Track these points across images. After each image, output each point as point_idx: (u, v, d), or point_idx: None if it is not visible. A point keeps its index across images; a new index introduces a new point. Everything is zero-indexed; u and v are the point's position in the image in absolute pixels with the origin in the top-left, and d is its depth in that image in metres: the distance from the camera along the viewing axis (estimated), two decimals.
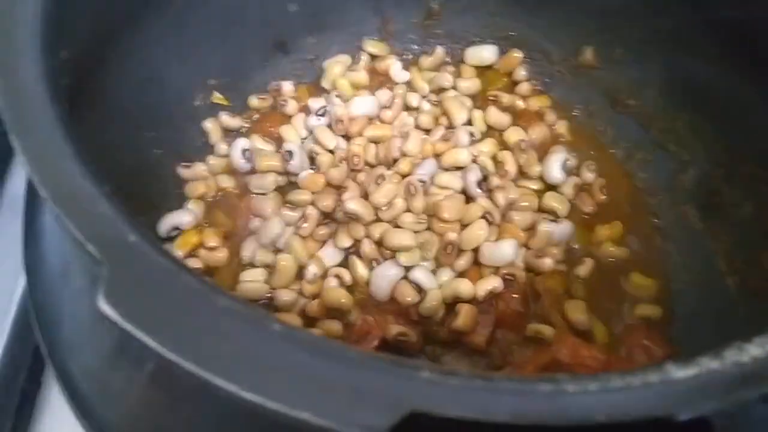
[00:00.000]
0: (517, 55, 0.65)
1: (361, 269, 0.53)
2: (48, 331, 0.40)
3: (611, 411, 0.23)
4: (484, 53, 0.66)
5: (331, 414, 0.22)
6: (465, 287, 0.52)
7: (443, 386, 0.23)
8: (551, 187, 0.59)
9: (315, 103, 0.62)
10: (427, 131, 0.61)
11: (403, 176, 0.57)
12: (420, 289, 0.52)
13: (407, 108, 0.63)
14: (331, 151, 0.59)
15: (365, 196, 0.55)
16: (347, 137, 0.60)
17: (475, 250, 0.53)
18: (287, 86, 0.63)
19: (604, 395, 0.23)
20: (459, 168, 0.58)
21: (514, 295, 0.52)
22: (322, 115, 0.61)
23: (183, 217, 0.55)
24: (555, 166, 0.59)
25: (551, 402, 0.23)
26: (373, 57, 0.66)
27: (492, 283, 0.52)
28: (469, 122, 0.62)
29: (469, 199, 0.56)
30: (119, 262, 0.25)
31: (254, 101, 0.63)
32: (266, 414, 0.23)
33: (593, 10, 0.60)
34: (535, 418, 0.23)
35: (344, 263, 0.54)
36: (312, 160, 0.58)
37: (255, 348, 0.24)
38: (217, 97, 0.61)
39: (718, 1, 0.51)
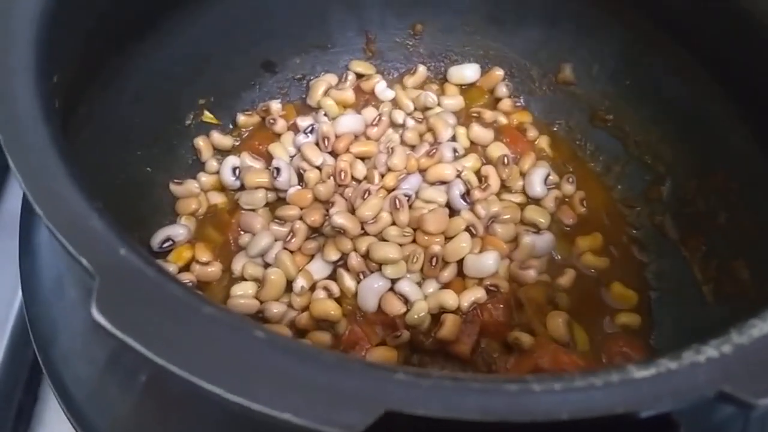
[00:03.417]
0: (499, 72, 0.67)
1: (348, 281, 0.54)
2: (43, 342, 0.41)
3: (574, 408, 0.24)
4: (467, 72, 0.68)
5: (312, 414, 0.23)
6: (449, 298, 0.53)
7: (416, 387, 0.24)
8: (533, 201, 0.61)
9: (303, 121, 0.64)
10: (412, 147, 0.62)
11: (389, 191, 0.58)
12: (406, 301, 0.53)
13: (393, 125, 0.64)
14: (318, 168, 0.60)
15: (352, 210, 0.56)
16: (334, 154, 0.61)
17: (459, 262, 0.55)
18: (275, 105, 0.65)
19: (567, 394, 0.24)
20: (443, 182, 0.59)
21: (498, 305, 0.54)
22: (310, 132, 0.62)
23: (176, 230, 0.57)
24: (537, 181, 0.61)
25: (517, 400, 0.24)
26: (359, 76, 0.67)
27: (476, 294, 0.53)
28: (453, 138, 0.63)
29: (453, 213, 0.57)
30: (110, 274, 0.26)
31: (241, 118, 0.64)
32: (252, 420, 0.24)
33: (569, 29, 0.62)
34: (501, 415, 0.24)
35: (332, 276, 0.55)
36: (300, 176, 0.60)
37: (239, 353, 0.25)
38: (208, 117, 0.63)
39: (689, 23, 0.53)
